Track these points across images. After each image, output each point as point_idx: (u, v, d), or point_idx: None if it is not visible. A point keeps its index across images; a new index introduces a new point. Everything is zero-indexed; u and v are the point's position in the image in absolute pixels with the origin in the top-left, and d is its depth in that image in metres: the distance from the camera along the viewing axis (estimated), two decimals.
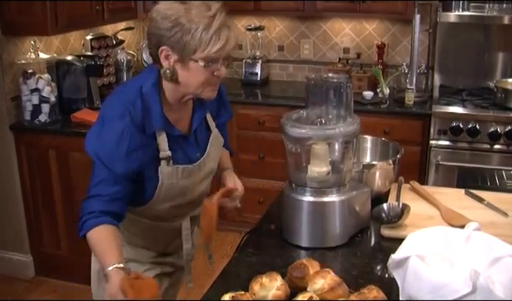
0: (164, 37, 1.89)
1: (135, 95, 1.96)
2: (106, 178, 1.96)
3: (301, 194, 2.06)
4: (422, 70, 4.51)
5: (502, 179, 4.05)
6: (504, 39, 4.57)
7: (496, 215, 2.31)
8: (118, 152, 1.93)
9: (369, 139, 2.60)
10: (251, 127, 4.58)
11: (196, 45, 1.87)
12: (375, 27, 4.87)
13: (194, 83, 1.95)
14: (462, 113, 4.06)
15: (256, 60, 5.03)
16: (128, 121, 1.93)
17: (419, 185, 2.53)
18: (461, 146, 4.07)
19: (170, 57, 1.92)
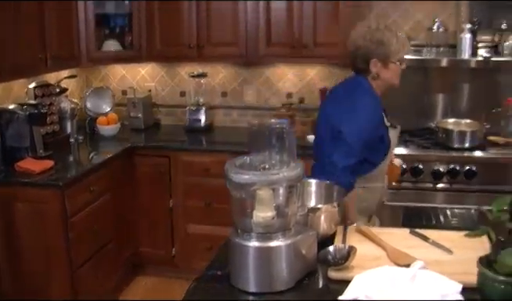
0: (372, 53, 2.87)
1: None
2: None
3: (247, 239, 2.04)
4: None
5: (446, 217, 4.14)
6: (443, 81, 4.69)
7: (441, 253, 2.32)
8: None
9: (314, 183, 2.61)
10: (197, 174, 4.57)
11: (394, 52, 2.87)
12: (317, 71, 4.95)
13: (394, 76, 2.97)
14: (405, 154, 4.12)
15: (200, 107, 5.04)
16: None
17: (364, 226, 2.54)
18: (405, 186, 4.12)
19: (376, 64, 2.89)
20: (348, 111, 2.88)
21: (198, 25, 4.73)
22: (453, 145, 4.17)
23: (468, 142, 4.17)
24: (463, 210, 4.10)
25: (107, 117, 4.95)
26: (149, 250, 4.80)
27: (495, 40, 4.52)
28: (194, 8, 4.70)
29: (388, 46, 2.87)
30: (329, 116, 3.03)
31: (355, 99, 2.92)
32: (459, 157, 4.09)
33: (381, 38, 2.87)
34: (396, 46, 2.89)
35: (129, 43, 4.94)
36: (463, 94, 4.72)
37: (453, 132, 4.22)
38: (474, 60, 4.39)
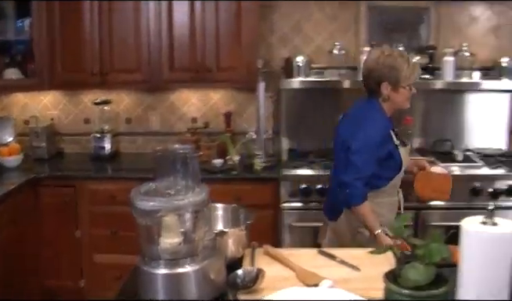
0: (383, 76, 3.09)
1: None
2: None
3: (155, 267, 2.02)
4: (269, 136, 4.63)
5: None
6: (345, 101, 4.78)
7: (349, 270, 2.37)
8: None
9: (220, 207, 2.61)
10: (103, 202, 4.48)
11: (404, 78, 3.09)
12: (221, 95, 4.97)
13: (404, 100, 3.18)
14: (310, 174, 4.19)
15: (104, 134, 4.96)
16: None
17: (272, 248, 2.56)
18: (312, 206, 4.17)
19: (387, 87, 3.11)
20: (356, 130, 3.13)
21: (101, 51, 4.65)
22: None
23: None
24: None
25: (9, 148, 4.79)
26: (56, 283, 4.65)
27: None
28: (96, 34, 4.62)
29: (400, 71, 3.09)
30: (341, 137, 3.28)
31: (364, 119, 3.17)
32: None
33: (393, 63, 3.10)
34: (407, 72, 3.11)
35: (31, 71, 4.81)
36: None
37: None
38: None
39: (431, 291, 1.72)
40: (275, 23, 4.84)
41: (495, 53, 4.85)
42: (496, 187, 4.23)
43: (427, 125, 4.88)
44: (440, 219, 4.19)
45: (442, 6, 4.81)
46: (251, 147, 4.57)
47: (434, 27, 4.82)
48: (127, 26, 4.60)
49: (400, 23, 4.81)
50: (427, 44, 4.79)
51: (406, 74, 3.10)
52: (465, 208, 4.16)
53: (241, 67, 4.50)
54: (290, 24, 4.84)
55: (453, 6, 4.84)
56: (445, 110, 4.87)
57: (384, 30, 4.80)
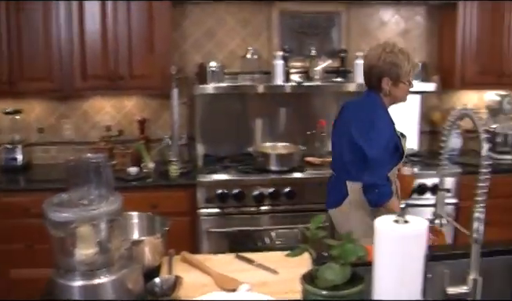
0: (385, 72, 3.27)
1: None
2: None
3: (71, 279, 1.97)
4: (184, 142, 4.61)
5: (271, 239, 4.23)
6: (260, 106, 4.83)
7: (267, 274, 2.37)
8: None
9: (136, 215, 2.57)
10: (16, 215, 4.33)
11: (404, 74, 3.27)
12: (135, 102, 4.91)
13: (402, 95, 3.38)
14: (226, 179, 4.19)
15: (15, 145, 4.80)
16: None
17: (190, 255, 2.54)
18: (229, 211, 4.18)
19: (388, 83, 3.29)
20: (366, 128, 3.27)
21: (10, 59, 4.51)
22: (272, 168, 4.28)
23: (286, 164, 4.30)
24: (286, 230, 4.21)
25: None
26: None
27: (306, 66, 4.74)
28: (5, 41, 4.49)
29: (401, 68, 3.27)
30: (345, 129, 3.42)
31: (371, 116, 3.31)
32: (279, 179, 4.21)
33: (395, 60, 3.27)
34: (407, 68, 3.29)
35: None
36: (279, 118, 4.89)
37: (271, 156, 4.33)
38: (288, 85, 4.57)
39: (347, 290, 1.75)
40: (187, 29, 4.83)
41: None
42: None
43: None
44: None
45: (353, 10, 4.92)
46: (166, 154, 4.54)
47: (345, 30, 4.92)
48: (36, 32, 4.47)
49: (312, 27, 4.88)
50: (338, 47, 4.87)
51: (407, 69, 3.28)
52: None
53: (154, 73, 4.46)
54: (203, 30, 4.84)
55: (363, 10, 4.96)
56: None
57: (297, 35, 4.86)
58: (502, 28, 4.88)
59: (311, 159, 4.50)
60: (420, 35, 5.13)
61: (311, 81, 4.65)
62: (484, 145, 1.92)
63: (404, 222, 1.82)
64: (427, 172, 4.38)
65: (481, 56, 4.87)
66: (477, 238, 1.94)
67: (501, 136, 4.89)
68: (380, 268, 1.83)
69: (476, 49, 4.85)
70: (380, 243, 1.83)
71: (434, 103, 5.17)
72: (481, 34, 4.84)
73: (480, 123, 1.96)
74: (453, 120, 2.13)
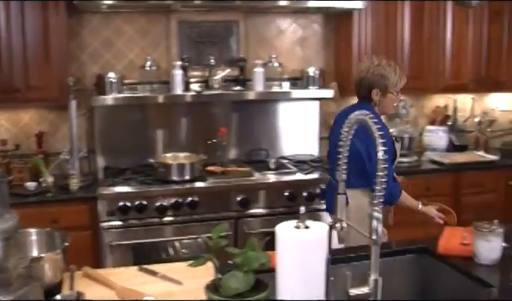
0: (374, 83, 3.49)
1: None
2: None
3: None
4: (84, 155, 4.52)
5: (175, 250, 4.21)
6: (160, 116, 4.79)
7: (171, 285, 2.36)
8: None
9: (34, 232, 2.50)
10: None
11: (392, 84, 3.49)
12: (32, 115, 4.76)
13: (390, 105, 3.58)
14: (128, 191, 4.12)
15: None
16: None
17: (92, 270, 2.49)
18: (132, 223, 4.11)
19: (378, 94, 3.50)
20: (364, 134, 3.11)
21: None
22: (174, 178, 4.26)
23: (188, 174, 4.29)
24: (190, 240, 4.19)
25: None
26: None
27: (205, 75, 4.75)
28: None
29: (388, 79, 3.51)
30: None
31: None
32: (181, 189, 4.19)
33: (382, 72, 3.51)
34: (394, 79, 3.52)
35: None
36: (180, 128, 4.86)
37: (172, 166, 4.31)
38: (188, 95, 4.56)
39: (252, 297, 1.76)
40: (85, 39, 4.73)
41: (302, 63, 5.09)
42: (310, 191, 4.41)
43: (242, 136, 4.99)
44: (259, 226, 4.29)
45: (251, 19, 4.97)
46: (66, 167, 4.43)
47: (243, 39, 4.95)
48: None
49: (210, 36, 4.89)
50: (237, 56, 4.91)
51: (394, 81, 3.52)
52: (282, 213, 4.32)
53: (51, 85, 4.34)
54: (101, 40, 4.75)
55: (261, 19, 5.02)
56: (258, 120, 5.02)
57: (195, 44, 4.85)
58: (395, 36, 5.05)
59: (213, 168, 4.50)
60: (317, 43, 5.23)
61: (210, 90, 4.66)
62: (379, 149, 1.97)
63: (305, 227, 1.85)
64: (327, 176, 4.46)
65: None
66: (376, 240, 1.99)
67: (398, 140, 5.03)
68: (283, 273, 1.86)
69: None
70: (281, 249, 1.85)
71: (333, 109, 5.28)
72: (376, 42, 4.99)
73: (375, 127, 2.01)
74: (350, 125, 2.18)
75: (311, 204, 4.38)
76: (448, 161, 5.04)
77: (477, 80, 5.36)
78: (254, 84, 4.74)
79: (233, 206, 4.27)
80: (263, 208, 4.34)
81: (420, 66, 5.17)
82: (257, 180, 4.38)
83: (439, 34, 5.20)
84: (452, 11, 5.15)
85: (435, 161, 5.08)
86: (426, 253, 2.83)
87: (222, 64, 4.82)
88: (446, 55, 5.23)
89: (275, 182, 4.40)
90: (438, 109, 5.62)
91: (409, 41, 5.10)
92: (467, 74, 5.36)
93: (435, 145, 5.42)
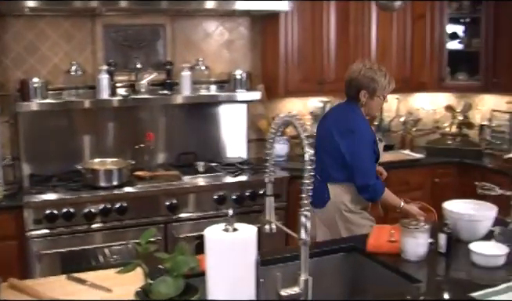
0: (363, 85, 3.63)
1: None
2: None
3: None
4: (8, 162, 4.41)
5: (105, 256, 4.16)
6: (87, 122, 4.72)
7: (101, 293, 2.34)
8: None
9: None
10: None
11: (380, 88, 3.64)
12: None
13: (377, 107, 3.80)
14: (55, 199, 4.05)
15: None
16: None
17: (18, 281, 2.43)
18: (60, 231, 4.04)
19: (365, 95, 3.64)
20: (348, 132, 3.64)
21: None
22: (101, 184, 4.20)
23: (116, 179, 4.24)
24: (120, 246, 4.15)
25: None
26: None
27: (131, 79, 4.71)
28: None
29: (377, 83, 3.64)
30: (326, 134, 3.77)
31: (352, 122, 3.68)
32: (109, 195, 4.14)
33: (373, 75, 3.65)
34: (384, 83, 3.67)
35: None
36: (107, 133, 4.80)
37: (100, 172, 4.25)
38: (115, 100, 4.52)
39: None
40: (7, 43, 4.60)
41: (229, 66, 5.10)
42: (239, 194, 4.43)
43: (170, 140, 4.97)
44: (189, 230, 4.29)
45: (177, 23, 4.95)
46: None
47: (170, 43, 4.93)
48: None
49: (137, 40, 4.85)
50: (164, 60, 4.88)
51: (383, 85, 3.66)
52: (212, 216, 4.33)
53: None
54: (24, 44, 4.64)
55: (188, 22, 5.00)
56: (186, 124, 5.01)
57: (122, 48, 4.80)
58: (321, 38, 5.12)
59: (141, 173, 4.46)
60: (244, 46, 5.25)
61: (137, 94, 4.62)
62: (306, 150, 2.00)
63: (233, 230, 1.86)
64: (256, 178, 4.50)
65: (303, 65, 5.08)
66: (305, 240, 2.02)
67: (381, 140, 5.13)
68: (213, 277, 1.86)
69: (298, 58, 5.06)
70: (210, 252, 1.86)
71: (261, 111, 5.32)
72: (303, 44, 5.06)
73: (302, 129, 2.04)
74: (277, 127, 2.20)
75: (240, 206, 4.41)
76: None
77: (401, 81, 5.45)
78: (181, 87, 4.73)
79: (162, 211, 4.25)
80: (192, 212, 4.34)
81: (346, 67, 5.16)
82: (186, 184, 4.37)
83: (364, 36, 5.32)
84: (377, 13, 5.27)
85: None
86: (355, 251, 2.88)
87: (149, 68, 4.78)
88: (371, 56, 5.34)
89: (203, 185, 4.40)
90: None
91: (334, 43, 5.18)
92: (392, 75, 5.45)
93: None
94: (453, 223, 2.88)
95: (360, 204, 3.69)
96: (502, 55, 5.29)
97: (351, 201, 3.66)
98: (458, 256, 2.77)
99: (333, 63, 5.19)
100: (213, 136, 5.12)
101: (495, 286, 2.36)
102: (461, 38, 5.87)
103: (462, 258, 2.75)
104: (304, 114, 5.41)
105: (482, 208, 3.02)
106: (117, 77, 4.67)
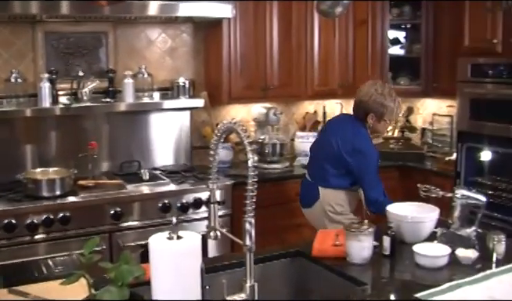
0: (372, 109, 3.84)
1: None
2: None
3: None
4: None
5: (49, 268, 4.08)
6: (28, 131, 4.63)
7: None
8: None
9: None
10: None
11: (389, 113, 3.86)
12: None
13: (383, 130, 4.07)
14: None
15: None
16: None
17: None
18: (1, 244, 3.94)
19: (373, 118, 3.86)
20: (354, 153, 3.84)
21: None
22: (44, 194, 4.13)
23: (59, 189, 4.17)
24: (64, 257, 4.08)
25: None
26: None
27: (74, 87, 4.64)
28: None
29: (386, 108, 3.84)
30: (328, 144, 3.97)
31: (358, 144, 3.85)
32: (52, 205, 4.07)
33: (383, 101, 3.83)
34: (392, 109, 3.87)
35: None
36: (49, 142, 4.72)
37: (42, 182, 4.18)
38: (57, 108, 4.46)
39: None
40: None
41: (172, 74, 5.09)
42: (184, 201, 4.42)
43: (113, 148, 4.92)
44: (134, 239, 4.25)
45: (119, 30, 4.91)
46: None
47: (112, 50, 4.89)
48: None
49: (79, 47, 4.79)
50: (106, 67, 4.84)
51: (392, 110, 3.87)
52: (157, 225, 4.31)
53: None
54: None
55: (130, 30, 4.97)
56: (129, 132, 4.96)
57: (63, 56, 4.74)
58: (264, 45, 5.15)
59: (85, 182, 4.40)
60: (187, 53, 5.24)
61: (80, 102, 4.56)
62: (249, 156, 2.01)
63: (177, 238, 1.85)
64: (200, 186, 4.49)
65: (246, 72, 5.10)
66: (249, 247, 2.02)
67: (269, 146, 5.14)
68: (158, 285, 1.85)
69: (241, 65, 5.07)
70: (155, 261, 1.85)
71: (204, 119, 5.31)
72: (246, 51, 5.08)
73: (244, 135, 2.05)
74: (219, 134, 2.20)
75: (184, 214, 4.40)
76: None
77: (344, 86, 5.56)
78: (124, 95, 4.70)
79: (107, 220, 4.20)
80: (137, 221, 4.30)
81: (289, 73, 5.31)
82: (130, 192, 4.33)
83: (307, 42, 5.37)
84: (319, 19, 5.32)
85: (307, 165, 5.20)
86: (301, 256, 2.90)
87: (91, 76, 4.73)
88: (314, 62, 5.41)
89: (148, 193, 4.37)
90: (307, 115, 5.77)
91: (277, 49, 5.22)
92: (335, 81, 5.55)
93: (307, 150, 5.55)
94: (397, 225, 2.93)
95: (345, 208, 3.95)
96: (442, 60, 5.42)
97: (337, 204, 3.92)
98: (402, 258, 2.83)
99: (276, 69, 5.23)
100: (157, 144, 5.09)
101: (439, 286, 2.42)
102: (402, 44, 5.99)
103: (406, 259, 2.80)
104: (248, 120, 5.44)
105: (425, 210, 3.09)
106: (58, 85, 4.60)
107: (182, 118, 5.15)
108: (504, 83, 4.54)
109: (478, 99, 4.78)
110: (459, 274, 2.58)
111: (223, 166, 5.01)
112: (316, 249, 2.85)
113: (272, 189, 4.82)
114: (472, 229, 2.92)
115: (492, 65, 4.63)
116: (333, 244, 2.86)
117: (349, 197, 3.98)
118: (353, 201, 4.03)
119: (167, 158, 5.10)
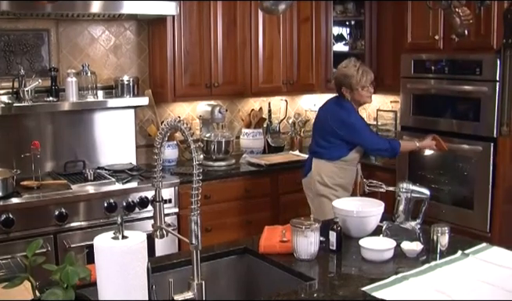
0: (341, 83, 4.27)
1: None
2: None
3: None
4: None
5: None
6: None
7: None
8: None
9: None
10: None
11: (355, 82, 4.21)
12: None
13: (363, 98, 4.32)
14: None
15: None
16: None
17: None
18: None
19: (346, 91, 4.26)
20: (343, 126, 4.26)
21: None
22: None
23: (1, 191, 4.08)
24: (8, 260, 4.00)
25: None
26: None
27: (15, 86, 4.55)
28: None
29: (350, 78, 4.22)
30: (322, 123, 4.41)
31: (344, 117, 4.27)
32: None
33: (346, 72, 4.25)
34: (357, 77, 4.21)
35: None
36: None
37: None
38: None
39: None
40: None
41: (116, 72, 5.04)
42: (130, 200, 4.39)
43: (57, 148, 4.83)
44: (80, 239, 4.19)
45: (62, 27, 4.83)
46: None
47: (54, 48, 4.81)
48: None
49: (20, 45, 4.70)
50: (49, 66, 4.75)
51: (357, 78, 4.21)
52: (103, 224, 4.27)
53: None
54: None
55: (73, 27, 4.90)
56: (73, 131, 4.89)
57: (4, 54, 4.64)
58: (209, 42, 5.14)
59: (28, 183, 4.32)
60: (131, 51, 5.19)
61: (21, 102, 4.47)
62: (194, 154, 2.00)
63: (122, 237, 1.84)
64: (145, 185, 4.46)
65: (191, 69, 5.08)
66: (195, 245, 2.02)
67: (215, 144, 5.14)
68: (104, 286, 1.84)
69: (185, 63, 5.05)
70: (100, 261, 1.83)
71: (150, 117, 5.28)
72: (191, 48, 5.06)
73: (189, 133, 2.04)
74: (163, 133, 2.19)
75: (130, 213, 4.37)
76: (266, 162, 5.21)
77: (289, 83, 5.59)
78: (67, 94, 4.63)
79: (51, 221, 4.14)
80: (83, 221, 4.25)
81: (234, 70, 5.31)
82: (75, 192, 4.27)
83: (251, 39, 5.38)
84: (263, 16, 5.34)
85: (253, 163, 5.23)
86: (248, 253, 2.90)
87: (33, 74, 4.64)
88: (259, 59, 5.42)
89: (93, 193, 4.31)
90: (253, 112, 5.78)
91: (222, 47, 5.22)
92: (280, 78, 5.58)
93: (252, 147, 5.58)
94: (343, 220, 2.97)
95: (335, 181, 4.31)
96: (386, 56, 5.48)
97: (327, 175, 4.31)
98: (349, 252, 2.86)
99: (220, 66, 5.22)
100: (101, 143, 5.03)
101: (385, 279, 2.46)
102: (346, 41, 6.04)
103: (352, 254, 2.84)
104: (193, 118, 5.43)
105: (370, 204, 3.13)
106: None
107: (126, 117, 5.10)
108: (446, 79, 4.64)
109: (421, 94, 4.87)
110: (404, 267, 2.63)
111: (169, 164, 5.00)
112: (263, 246, 2.86)
113: (219, 186, 4.83)
114: (416, 222, 2.97)
115: (433, 61, 4.73)
116: (280, 241, 2.87)
117: (341, 171, 4.33)
118: (346, 176, 4.36)
119: (112, 157, 5.04)
